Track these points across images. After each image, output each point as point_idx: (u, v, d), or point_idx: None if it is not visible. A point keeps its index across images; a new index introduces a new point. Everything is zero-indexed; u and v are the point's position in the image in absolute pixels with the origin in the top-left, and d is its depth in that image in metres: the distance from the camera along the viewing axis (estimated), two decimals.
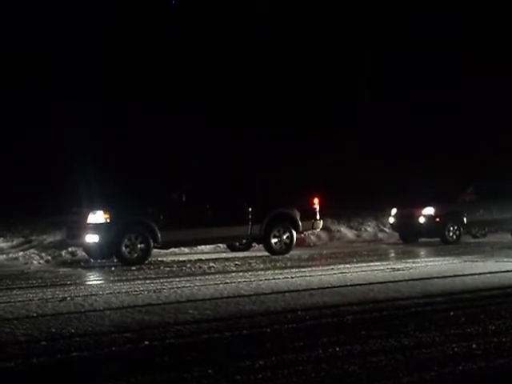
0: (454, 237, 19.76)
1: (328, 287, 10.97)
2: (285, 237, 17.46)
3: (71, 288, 11.54)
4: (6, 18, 25.20)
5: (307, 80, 28.25)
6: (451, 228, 19.76)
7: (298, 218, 17.65)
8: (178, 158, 22.87)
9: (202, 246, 18.49)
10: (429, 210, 19.82)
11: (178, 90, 26.64)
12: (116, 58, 26.35)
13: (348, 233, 22.20)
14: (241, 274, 13.17)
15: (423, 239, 20.50)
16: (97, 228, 15.41)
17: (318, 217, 18.05)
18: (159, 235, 15.91)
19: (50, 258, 17.01)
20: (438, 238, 19.88)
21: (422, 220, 19.84)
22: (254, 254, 17.38)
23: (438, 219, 19.69)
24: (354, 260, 15.46)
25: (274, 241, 17.35)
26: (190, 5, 29.21)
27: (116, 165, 22.65)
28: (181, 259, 16.55)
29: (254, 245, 18.52)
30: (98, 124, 23.78)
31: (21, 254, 17.41)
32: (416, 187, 20.86)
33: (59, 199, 18.75)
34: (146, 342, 7.08)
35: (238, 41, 28.03)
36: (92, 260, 16.44)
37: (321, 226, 18.62)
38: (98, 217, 15.45)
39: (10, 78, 24.68)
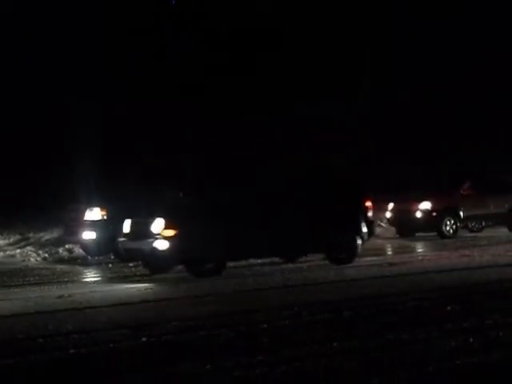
0: (451, 231, 19.75)
1: (324, 282, 10.99)
2: None
3: (68, 285, 11.55)
4: (5, 17, 25.15)
5: (307, 79, 28.22)
6: (448, 222, 19.74)
7: None
8: (176, 157, 22.84)
9: None
10: (425, 205, 19.80)
11: (178, 89, 26.63)
12: (115, 57, 26.32)
13: None
14: (238, 270, 13.17)
15: (420, 234, 20.48)
16: (94, 225, 15.39)
17: None
18: None
19: (47, 255, 16.99)
20: (435, 233, 19.88)
21: (419, 214, 19.82)
22: None
23: (434, 214, 19.68)
24: None
25: None
26: (190, 5, 29.16)
27: (114, 162, 22.62)
28: None
29: None
30: (98, 123, 23.75)
31: (18, 251, 17.40)
32: (414, 182, 20.89)
33: (56, 196, 18.73)
34: (144, 339, 7.09)
35: (237, 41, 27.98)
36: (89, 257, 16.42)
37: None
38: (95, 214, 15.44)
39: (9, 77, 24.66)
